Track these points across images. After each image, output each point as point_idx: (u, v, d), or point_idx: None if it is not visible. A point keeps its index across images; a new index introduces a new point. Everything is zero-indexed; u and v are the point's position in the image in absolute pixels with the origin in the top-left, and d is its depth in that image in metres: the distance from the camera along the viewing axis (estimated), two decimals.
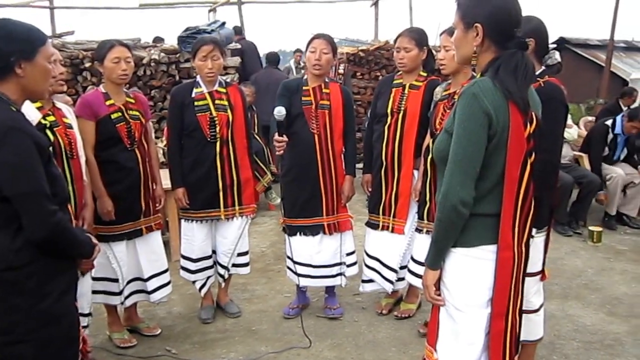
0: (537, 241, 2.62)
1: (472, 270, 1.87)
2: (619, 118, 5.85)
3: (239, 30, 8.77)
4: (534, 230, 2.50)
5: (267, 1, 10.61)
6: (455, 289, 1.90)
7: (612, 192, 5.68)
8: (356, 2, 11.00)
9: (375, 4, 10.16)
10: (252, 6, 10.21)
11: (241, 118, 3.53)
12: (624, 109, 7.82)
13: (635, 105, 7.12)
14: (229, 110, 3.45)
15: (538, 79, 2.62)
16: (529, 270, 2.49)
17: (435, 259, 1.91)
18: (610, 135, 5.86)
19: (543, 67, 2.70)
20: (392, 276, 3.54)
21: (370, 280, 3.68)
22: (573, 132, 5.95)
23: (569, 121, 6.08)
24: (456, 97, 2.58)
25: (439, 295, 1.94)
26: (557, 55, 2.79)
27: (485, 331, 1.89)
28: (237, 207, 3.54)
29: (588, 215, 5.84)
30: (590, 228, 5.36)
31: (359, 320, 3.62)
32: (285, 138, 3.27)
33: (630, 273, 4.51)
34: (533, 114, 1.86)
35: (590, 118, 8.28)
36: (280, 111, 3.19)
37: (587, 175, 5.65)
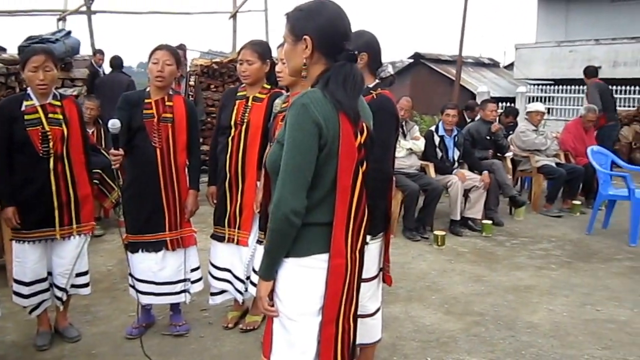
0: (372, 247, 2.71)
1: (304, 279, 1.88)
2: (440, 122, 6.39)
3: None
4: (368, 237, 2.60)
5: (120, 11, 10.22)
6: (287, 299, 1.90)
7: (454, 198, 6.09)
8: (215, 15, 10.90)
9: (234, 16, 10.17)
10: (105, 16, 9.82)
11: (77, 132, 3.36)
12: (468, 121, 8.48)
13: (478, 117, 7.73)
14: (63, 125, 3.27)
15: (372, 91, 2.73)
16: (362, 275, 2.61)
17: (268, 270, 1.90)
18: (437, 138, 6.35)
19: (377, 80, 2.80)
20: (241, 287, 3.54)
21: (220, 292, 3.65)
22: (420, 143, 6.29)
23: (417, 133, 6.47)
24: None
25: (272, 306, 1.93)
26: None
27: (318, 339, 1.90)
28: (74, 225, 3.35)
29: (435, 220, 6.23)
30: (435, 232, 5.71)
31: (205, 336, 3.56)
32: (120, 151, 3.16)
33: (467, 273, 4.85)
34: (364, 124, 1.90)
35: None
36: (114, 124, 3.06)
37: (431, 182, 6.01)
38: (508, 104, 12.18)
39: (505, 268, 5.00)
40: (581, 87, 14.23)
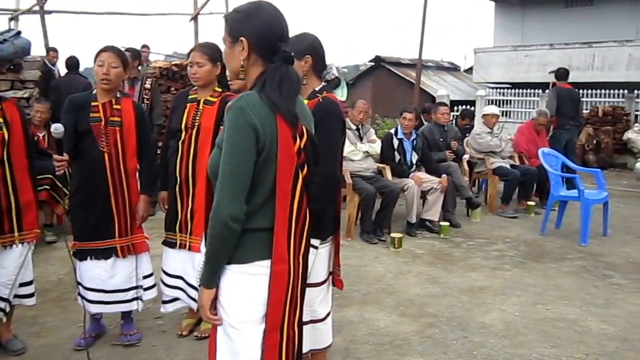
0: (322, 251, 2.68)
1: (246, 287, 1.85)
2: (399, 125, 6.43)
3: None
4: (317, 242, 2.60)
5: (75, 11, 9.93)
6: (230, 307, 1.86)
7: (410, 201, 6.13)
8: (179, 17, 10.72)
9: (194, 18, 10.05)
10: (62, 16, 9.59)
11: (20, 136, 3.24)
12: (425, 123, 8.56)
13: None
14: (4, 128, 3.16)
15: (318, 94, 2.71)
16: (313, 280, 2.58)
17: (210, 278, 1.85)
18: (396, 141, 6.39)
19: (323, 83, 2.78)
20: (195, 294, 3.47)
21: (172, 300, 3.58)
22: (376, 146, 6.33)
23: (373, 136, 6.50)
24: None
25: (216, 314, 1.89)
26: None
27: (262, 347, 1.86)
28: (16, 234, 3.22)
29: (392, 222, 6.26)
30: (392, 235, 5.73)
31: (157, 345, 3.48)
32: (65, 157, 3.07)
33: (424, 275, 4.88)
34: (304, 127, 1.88)
35: None
36: (57, 128, 2.97)
37: (388, 185, 6.04)
38: (468, 107, 12.36)
39: (461, 269, 5.05)
40: (537, 90, 14.55)
